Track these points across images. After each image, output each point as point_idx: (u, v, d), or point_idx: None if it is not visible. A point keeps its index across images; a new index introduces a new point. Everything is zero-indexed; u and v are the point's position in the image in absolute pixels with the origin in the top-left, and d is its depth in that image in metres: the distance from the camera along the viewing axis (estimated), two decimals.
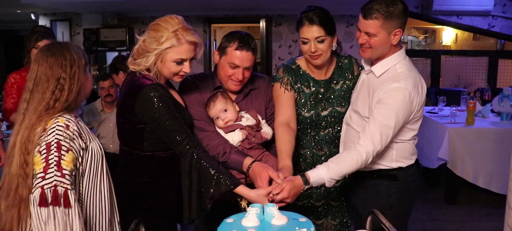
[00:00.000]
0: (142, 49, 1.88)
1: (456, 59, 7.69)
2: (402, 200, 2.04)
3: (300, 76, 2.16)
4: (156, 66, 1.87)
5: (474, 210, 4.38)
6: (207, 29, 7.48)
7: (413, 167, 2.08)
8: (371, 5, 1.88)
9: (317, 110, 2.16)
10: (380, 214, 1.66)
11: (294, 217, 1.41)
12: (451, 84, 7.47)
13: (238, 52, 2.00)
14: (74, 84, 1.57)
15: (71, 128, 1.53)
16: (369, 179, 2.05)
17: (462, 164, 4.33)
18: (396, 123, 1.84)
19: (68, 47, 1.61)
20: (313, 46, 2.02)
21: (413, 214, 4.37)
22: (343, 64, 2.21)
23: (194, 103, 2.07)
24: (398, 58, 1.96)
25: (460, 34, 8.61)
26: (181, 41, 1.84)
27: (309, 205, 2.25)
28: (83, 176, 1.58)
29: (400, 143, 1.99)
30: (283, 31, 7.32)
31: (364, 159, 1.83)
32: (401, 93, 1.84)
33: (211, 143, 1.98)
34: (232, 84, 2.07)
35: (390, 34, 1.89)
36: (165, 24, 1.85)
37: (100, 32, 7.17)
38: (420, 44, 9.15)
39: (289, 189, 1.76)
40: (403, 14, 1.89)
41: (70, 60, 1.57)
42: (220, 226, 1.36)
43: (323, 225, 2.29)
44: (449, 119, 4.62)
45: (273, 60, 7.42)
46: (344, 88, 2.18)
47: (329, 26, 2.03)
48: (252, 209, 1.38)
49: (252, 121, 2.07)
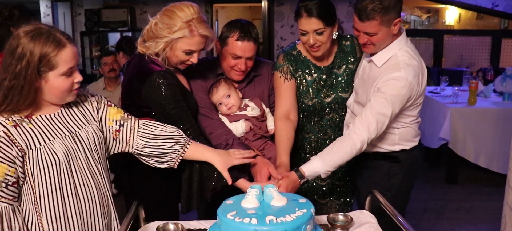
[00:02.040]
0: (152, 33, 1.84)
1: (459, 39, 7.62)
2: (403, 180, 2.05)
3: (301, 63, 2.12)
4: (165, 52, 1.85)
5: (475, 190, 4.41)
6: (209, 9, 7.43)
7: (416, 148, 2.07)
8: (364, 5, 1.80)
9: (320, 98, 2.13)
10: (379, 194, 1.68)
11: (294, 198, 1.42)
12: (453, 64, 7.42)
13: (239, 42, 1.97)
14: (16, 84, 1.37)
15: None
16: (372, 160, 2.05)
17: (463, 144, 4.34)
18: (392, 112, 1.83)
19: (34, 36, 1.38)
20: (312, 38, 1.95)
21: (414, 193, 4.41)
22: (345, 47, 2.15)
23: (198, 90, 2.06)
24: (399, 45, 1.92)
25: (463, 14, 8.52)
26: (193, 33, 1.81)
27: (315, 184, 2.27)
28: (34, 186, 1.44)
29: (402, 128, 1.98)
30: (285, 11, 7.26)
31: (358, 148, 1.82)
32: (401, 83, 1.82)
33: (215, 132, 1.98)
34: (235, 75, 2.05)
35: (390, 26, 1.85)
36: (180, 13, 1.80)
37: (102, 12, 7.12)
38: (423, 24, 9.05)
39: (286, 185, 1.77)
40: (399, 2, 1.84)
41: (19, 54, 1.36)
42: (220, 207, 1.37)
43: (328, 204, 2.31)
44: (451, 99, 4.61)
45: (275, 41, 7.37)
46: (347, 72, 2.14)
47: (329, 16, 1.94)
48: (251, 190, 1.39)
49: (257, 110, 2.06)
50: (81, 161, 1.53)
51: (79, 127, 1.55)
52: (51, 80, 1.41)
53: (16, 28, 2.73)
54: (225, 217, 1.29)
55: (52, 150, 1.45)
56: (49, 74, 1.40)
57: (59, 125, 1.50)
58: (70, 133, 1.51)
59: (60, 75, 1.42)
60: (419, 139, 2.09)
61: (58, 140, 1.47)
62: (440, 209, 4.01)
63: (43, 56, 1.37)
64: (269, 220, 1.25)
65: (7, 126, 1.39)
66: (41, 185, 1.44)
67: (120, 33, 7.18)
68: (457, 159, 4.47)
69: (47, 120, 1.48)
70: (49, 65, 1.39)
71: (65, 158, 1.47)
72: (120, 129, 1.68)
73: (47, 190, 1.45)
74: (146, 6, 7.32)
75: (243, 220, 1.26)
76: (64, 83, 1.44)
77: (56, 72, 1.41)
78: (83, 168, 1.54)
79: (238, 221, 1.26)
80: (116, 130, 1.68)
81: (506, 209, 2.01)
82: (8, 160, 1.38)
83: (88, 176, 1.55)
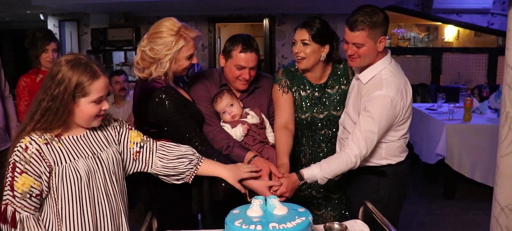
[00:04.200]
0: (151, 58, 2.00)
1: (457, 56, 7.78)
2: (392, 194, 2.19)
3: (297, 79, 2.31)
4: (171, 68, 2.01)
5: (472, 204, 4.49)
6: (212, 28, 7.64)
7: (402, 164, 2.21)
8: (355, 17, 2.00)
9: (313, 113, 2.31)
10: (371, 205, 1.82)
11: (294, 207, 1.58)
12: (451, 81, 7.57)
13: (243, 54, 2.15)
14: (53, 106, 1.53)
15: (30, 150, 1.51)
16: (361, 174, 2.20)
17: (459, 159, 4.45)
18: (379, 128, 2.00)
19: (74, 66, 1.55)
20: (298, 46, 2.19)
21: (412, 207, 4.50)
22: (338, 70, 2.33)
23: (202, 100, 2.22)
24: (383, 64, 2.09)
25: (461, 31, 8.70)
26: (187, 39, 2.00)
27: (311, 196, 2.43)
28: (57, 199, 1.58)
29: (388, 143, 2.14)
30: (286, 30, 7.44)
31: (353, 162, 2.00)
32: (383, 100, 1.98)
33: (216, 137, 2.14)
34: (240, 84, 2.23)
35: (376, 42, 2.03)
36: (167, 30, 1.97)
37: (108, 31, 7.35)
38: (422, 41, 9.25)
39: (287, 184, 1.94)
40: (385, 22, 2.04)
41: (59, 80, 1.53)
42: (227, 216, 1.52)
43: (323, 215, 2.46)
44: (447, 115, 4.74)
45: (276, 59, 7.55)
46: (339, 92, 2.32)
47: (317, 33, 2.16)
48: (256, 201, 1.55)
49: (256, 118, 2.23)
50: (99, 180, 1.67)
51: (101, 149, 1.70)
52: (82, 105, 1.58)
53: (41, 47, 3.00)
54: (233, 225, 1.44)
55: (76, 168, 1.59)
56: (81, 100, 1.57)
57: (83, 146, 1.65)
58: (92, 153, 1.66)
59: (90, 102, 1.58)
60: (406, 155, 2.23)
61: (82, 160, 1.62)
62: (437, 223, 4.10)
63: (79, 84, 1.54)
64: (272, 227, 1.40)
65: (39, 143, 1.54)
66: (64, 199, 1.58)
67: (124, 52, 7.40)
68: (454, 174, 4.55)
69: (73, 141, 1.64)
70: (82, 92, 1.56)
71: (86, 176, 1.61)
72: (140, 151, 1.84)
73: (68, 204, 1.59)
74: (151, 25, 7.46)
75: (249, 227, 1.41)
76: (93, 109, 1.60)
77: (87, 99, 1.57)
78: (100, 187, 1.67)
79: (245, 228, 1.41)
80: (137, 151, 1.84)
81: (493, 221, 2.14)
82: (35, 174, 1.52)
83: (103, 194, 1.68)
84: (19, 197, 1.50)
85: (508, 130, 1.95)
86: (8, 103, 3.09)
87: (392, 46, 8.93)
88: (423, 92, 6.57)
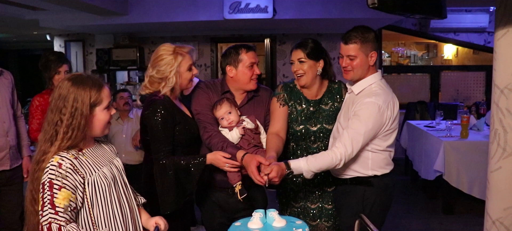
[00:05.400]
0: (159, 79, 2.33)
1: (455, 73, 7.85)
2: (375, 204, 2.34)
3: (295, 94, 2.53)
4: (177, 82, 2.33)
5: (471, 219, 4.56)
6: (214, 48, 7.79)
7: (387, 176, 2.37)
8: (349, 33, 2.29)
9: (307, 126, 2.51)
10: (366, 218, 1.91)
11: (291, 220, 1.68)
12: (450, 98, 7.65)
13: (250, 53, 2.46)
14: (74, 121, 1.66)
15: (64, 165, 1.62)
16: (349, 185, 2.38)
17: (457, 175, 4.53)
18: (365, 131, 2.18)
19: (81, 82, 1.69)
20: (296, 65, 2.45)
21: (412, 223, 4.57)
22: (333, 89, 2.56)
23: (204, 108, 2.47)
24: (374, 79, 2.31)
25: (460, 49, 8.83)
26: (183, 54, 2.34)
27: (306, 207, 2.59)
28: (92, 207, 1.70)
29: (374, 153, 2.30)
30: (287, 50, 7.56)
31: (338, 159, 2.16)
32: (372, 106, 2.19)
33: (213, 140, 2.35)
34: (253, 83, 2.49)
35: (367, 56, 2.28)
36: (165, 53, 2.33)
37: (112, 52, 7.47)
38: (422, 58, 9.37)
39: (277, 170, 2.09)
40: (376, 40, 2.31)
41: (74, 96, 1.67)
42: (230, 228, 1.63)
43: (318, 226, 2.60)
44: (445, 132, 4.84)
45: (277, 77, 7.67)
46: (332, 108, 2.53)
47: (311, 51, 2.42)
48: (256, 214, 1.65)
49: (251, 124, 2.43)
50: (120, 183, 1.85)
51: (112, 157, 1.89)
52: (98, 114, 1.74)
53: (54, 69, 3.15)
54: None
55: (104, 176, 1.75)
56: (96, 109, 1.73)
57: (100, 155, 1.82)
58: (109, 162, 1.83)
59: (104, 109, 1.75)
60: (391, 169, 2.39)
61: (105, 167, 1.78)
62: None
63: (92, 94, 1.70)
64: None
65: (71, 158, 1.66)
66: (97, 206, 1.71)
67: (128, 71, 7.55)
68: (453, 190, 4.63)
69: (92, 152, 1.79)
70: (97, 101, 1.72)
71: (111, 181, 1.78)
72: None
73: (101, 209, 1.72)
74: (154, 45, 7.67)
75: None
76: (106, 116, 1.77)
77: (101, 106, 1.74)
78: (121, 190, 1.84)
79: None
80: None
81: None
82: (72, 188, 1.63)
83: (124, 196, 1.86)
84: (62, 212, 1.57)
85: (497, 146, 2.03)
86: (20, 122, 3.22)
87: (392, 64, 9.06)
88: (422, 110, 6.65)
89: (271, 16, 5.89)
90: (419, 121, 6.08)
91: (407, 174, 6.28)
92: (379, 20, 6.10)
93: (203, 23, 6.39)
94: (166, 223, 1.86)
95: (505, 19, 1.60)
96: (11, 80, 3.19)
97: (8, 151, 3.05)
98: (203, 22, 6.29)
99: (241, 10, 5.90)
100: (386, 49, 9.01)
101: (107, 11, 5.74)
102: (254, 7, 5.88)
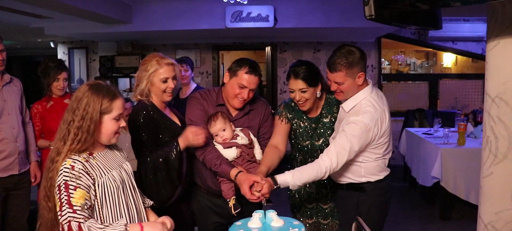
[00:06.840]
0: (137, 81, 2.44)
1: (454, 81, 7.90)
2: (371, 208, 2.41)
3: (297, 113, 2.61)
4: (147, 87, 2.40)
5: (468, 225, 4.63)
6: (216, 55, 7.89)
7: (382, 182, 2.43)
8: (333, 60, 2.29)
9: (312, 141, 2.60)
10: (362, 221, 2.00)
11: (289, 220, 1.78)
12: (448, 106, 7.69)
13: (247, 75, 2.38)
14: (84, 124, 1.74)
15: (76, 167, 1.69)
16: (344, 190, 2.47)
17: (454, 182, 4.61)
18: (350, 148, 2.23)
19: (97, 89, 1.79)
20: (298, 95, 2.46)
21: (410, 229, 4.64)
22: (330, 100, 2.61)
23: (197, 119, 2.46)
24: (364, 94, 2.34)
25: (459, 57, 8.90)
26: (161, 64, 2.38)
27: (303, 206, 2.72)
28: (102, 207, 1.76)
29: (367, 162, 2.38)
30: (287, 58, 7.65)
31: (323, 172, 2.23)
32: (358, 125, 2.24)
33: (207, 157, 2.37)
34: (237, 102, 2.44)
35: (355, 78, 2.29)
36: (149, 59, 2.43)
37: (115, 59, 7.60)
38: (422, 66, 9.45)
39: (268, 186, 2.18)
40: (361, 59, 2.29)
41: (87, 101, 1.76)
42: (231, 227, 1.72)
43: (329, 224, 2.72)
44: (442, 140, 4.93)
45: (278, 85, 7.76)
46: (332, 120, 2.60)
47: (312, 79, 2.43)
48: (256, 214, 1.75)
49: (245, 139, 2.43)
50: (128, 186, 1.92)
51: (121, 162, 1.97)
52: (106, 122, 1.81)
53: (53, 76, 3.23)
54: None
55: (113, 179, 1.82)
56: (105, 117, 1.80)
57: (110, 160, 1.90)
58: (119, 166, 1.92)
59: (112, 119, 1.82)
60: (385, 175, 2.45)
61: (114, 171, 1.86)
62: None
63: (103, 102, 1.78)
64: None
65: (81, 161, 1.74)
66: (106, 207, 1.78)
67: (130, 78, 7.65)
68: (450, 196, 4.70)
69: (102, 156, 1.87)
70: (107, 109, 1.80)
71: (120, 184, 1.85)
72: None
73: (110, 211, 1.79)
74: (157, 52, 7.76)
75: None
76: (114, 126, 1.84)
77: (110, 115, 1.81)
78: (129, 193, 1.92)
79: None
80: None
81: None
82: (86, 187, 1.70)
83: (132, 198, 1.93)
84: (80, 210, 1.64)
85: (489, 153, 2.12)
86: (28, 128, 3.31)
87: (392, 72, 9.14)
88: (421, 117, 6.73)
89: (272, 25, 5.99)
90: (417, 128, 6.17)
91: (405, 180, 6.36)
92: (378, 29, 6.21)
93: (205, 32, 6.47)
94: (173, 222, 1.93)
95: (496, 31, 1.66)
96: (20, 87, 3.28)
97: (17, 156, 3.13)
98: (205, 31, 6.38)
99: (243, 19, 6.00)
100: (386, 57, 9.10)
101: (111, 20, 5.85)
102: (255, 16, 5.98)
